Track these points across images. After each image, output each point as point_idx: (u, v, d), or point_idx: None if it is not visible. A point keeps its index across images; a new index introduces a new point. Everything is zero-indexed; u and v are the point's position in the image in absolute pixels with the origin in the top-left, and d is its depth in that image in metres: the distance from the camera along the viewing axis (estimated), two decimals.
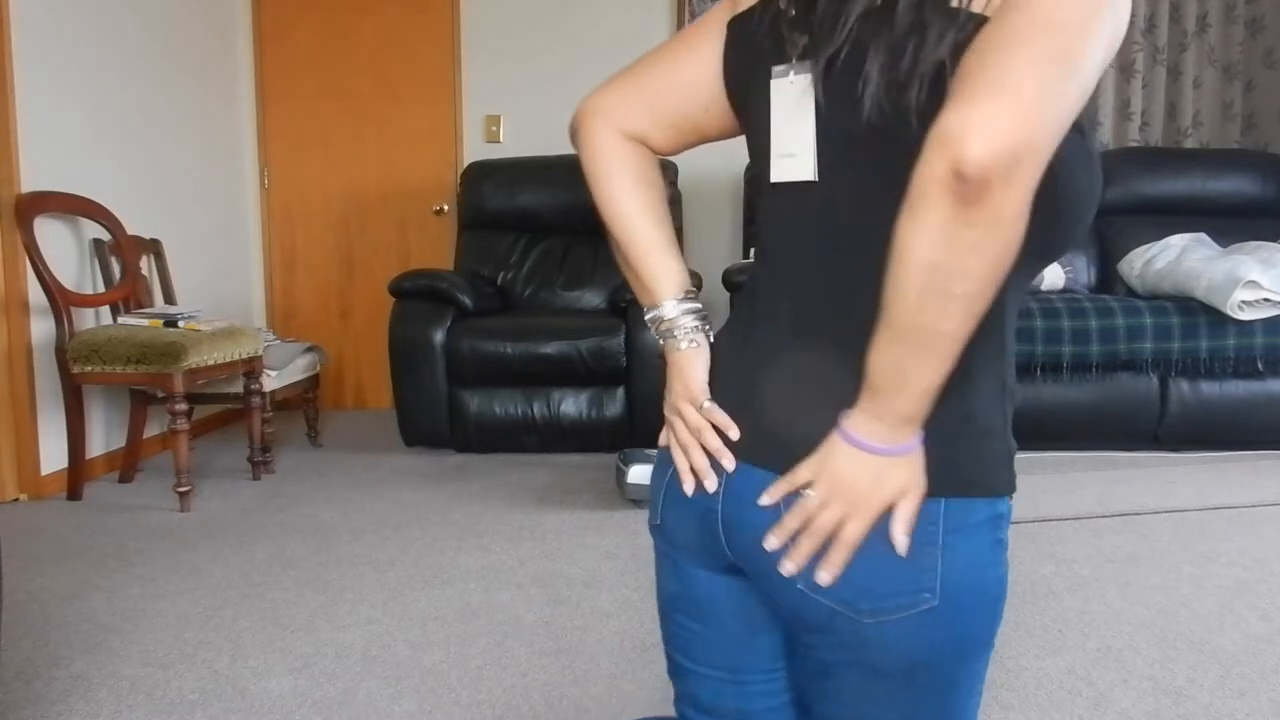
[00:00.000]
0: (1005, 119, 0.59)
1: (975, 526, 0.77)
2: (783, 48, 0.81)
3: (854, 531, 0.75)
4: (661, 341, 0.92)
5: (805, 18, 0.79)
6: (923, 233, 0.63)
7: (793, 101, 0.80)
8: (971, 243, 0.62)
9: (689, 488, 0.87)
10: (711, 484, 0.85)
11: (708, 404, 0.87)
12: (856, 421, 0.74)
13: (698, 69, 0.90)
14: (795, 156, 0.80)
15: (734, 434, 0.84)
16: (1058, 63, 0.62)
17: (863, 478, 0.74)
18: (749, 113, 0.88)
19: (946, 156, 0.60)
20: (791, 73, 0.80)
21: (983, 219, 0.61)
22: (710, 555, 0.87)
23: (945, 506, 0.76)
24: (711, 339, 0.92)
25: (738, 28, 0.88)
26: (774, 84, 0.82)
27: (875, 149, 0.75)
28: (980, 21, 0.69)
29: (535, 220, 4.58)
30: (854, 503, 0.75)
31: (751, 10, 0.87)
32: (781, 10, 0.82)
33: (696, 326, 0.90)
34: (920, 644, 0.77)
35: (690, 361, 0.89)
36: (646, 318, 0.92)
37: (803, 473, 0.78)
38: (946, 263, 0.63)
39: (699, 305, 0.92)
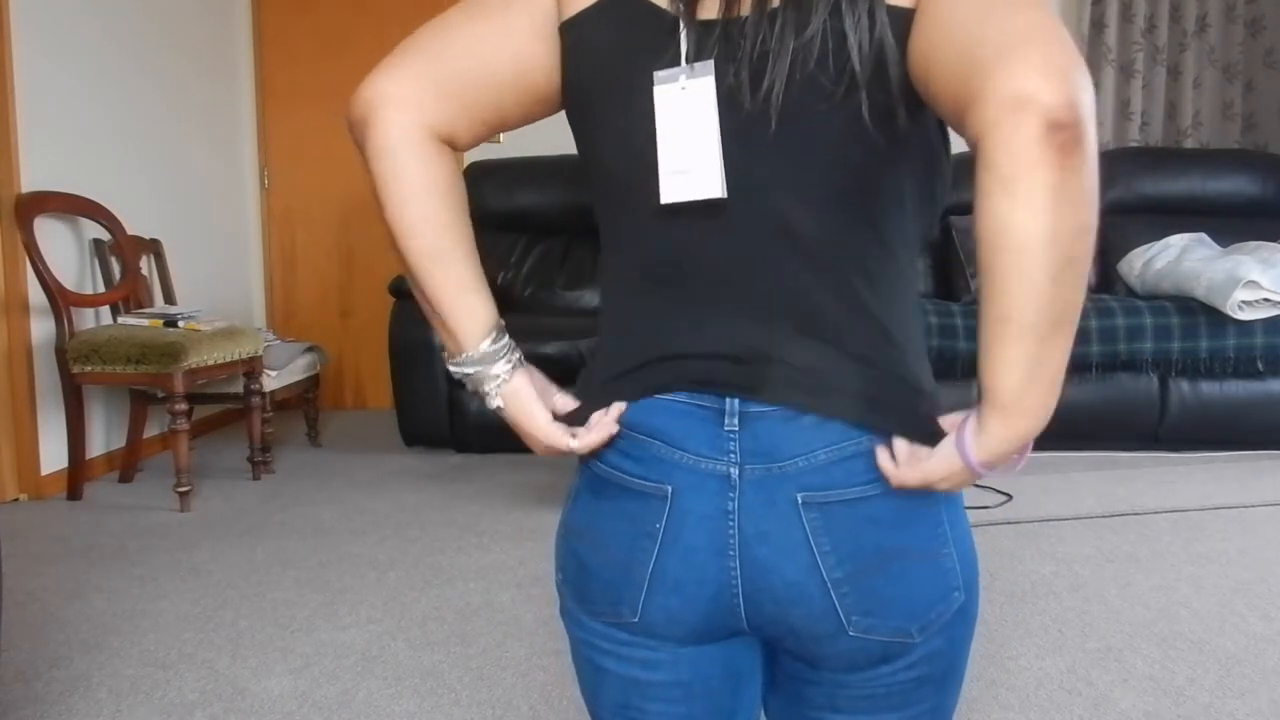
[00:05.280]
0: (1057, 56, 0.57)
1: (955, 500, 0.78)
2: (658, 51, 0.72)
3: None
4: (476, 392, 0.81)
5: (695, 17, 0.71)
6: (1035, 207, 0.58)
7: (686, 111, 0.71)
8: (1082, 191, 0.58)
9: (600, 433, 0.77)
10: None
11: (574, 441, 0.78)
12: (983, 446, 0.68)
13: (513, 53, 0.76)
14: (691, 173, 0.71)
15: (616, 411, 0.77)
16: None
17: (946, 480, 0.71)
18: (606, 129, 0.76)
19: (1032, 115, 0.56)
20: (682, 77, 0.71)
21: (1085, 160, 0.58)
22: (707, 631, 0.78)
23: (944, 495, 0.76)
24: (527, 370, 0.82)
25: (581, 32, 0.75)
26: (658, 91, 0.71)
27: (797, 153, 0.70)
28: (900, 14, 0.67)
29: (535, 220, 4.58)
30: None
31: (592, 12, 0.75)
32: (657, 9, 0.73)
33: (510, 366, 0.80)
34: (958, 639, 0.79)
35: (520, 402, 0.79)
36: (451, 367, 0.80)
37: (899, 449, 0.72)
38: (1066, 226, 0.58)
39: (508, 342, 0.80)
